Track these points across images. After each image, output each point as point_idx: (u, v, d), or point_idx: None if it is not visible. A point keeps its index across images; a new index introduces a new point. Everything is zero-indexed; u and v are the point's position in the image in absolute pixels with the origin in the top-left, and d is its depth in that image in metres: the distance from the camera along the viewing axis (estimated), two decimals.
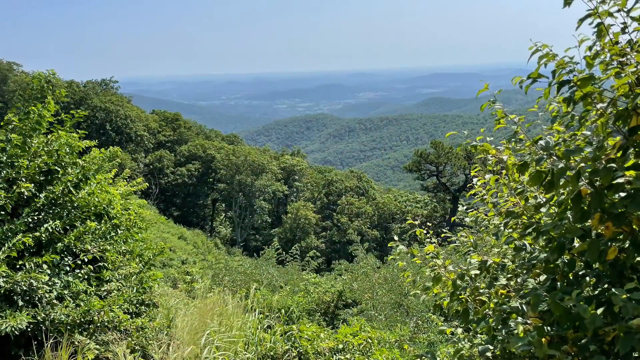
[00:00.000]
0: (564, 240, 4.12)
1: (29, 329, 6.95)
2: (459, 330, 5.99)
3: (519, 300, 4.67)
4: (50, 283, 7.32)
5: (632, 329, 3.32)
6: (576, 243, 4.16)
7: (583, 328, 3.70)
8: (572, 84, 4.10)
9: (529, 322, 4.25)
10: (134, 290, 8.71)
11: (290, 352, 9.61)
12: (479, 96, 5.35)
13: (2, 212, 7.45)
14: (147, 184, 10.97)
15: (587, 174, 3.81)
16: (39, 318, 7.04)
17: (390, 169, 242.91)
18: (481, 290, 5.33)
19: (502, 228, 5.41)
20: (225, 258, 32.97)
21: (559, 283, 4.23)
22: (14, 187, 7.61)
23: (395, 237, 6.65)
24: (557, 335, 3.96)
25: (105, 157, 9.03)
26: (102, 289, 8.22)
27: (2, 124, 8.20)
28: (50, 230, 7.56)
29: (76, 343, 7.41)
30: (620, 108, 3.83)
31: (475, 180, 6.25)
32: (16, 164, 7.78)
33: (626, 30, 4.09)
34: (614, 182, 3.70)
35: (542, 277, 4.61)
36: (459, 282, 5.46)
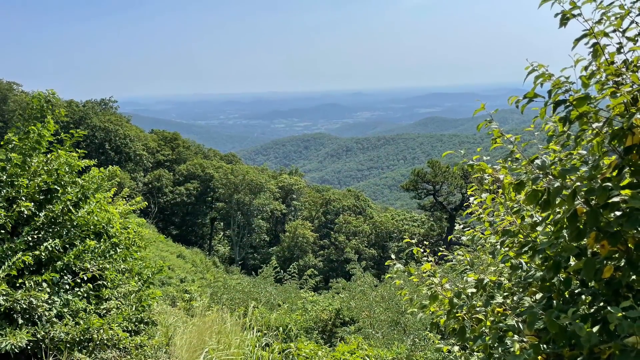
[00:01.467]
0: (559, 259, 4.14)
1: (28, 347, 6.93)
2: (456, 348, 6.00)
3: (516, 319, 4.68)
4: (49, 301, 7.31)
5: (627, 346, 3.33)
6: (572, 261, 4.17)
7: (579, 346, 3.72)
8: (568, 103, 4.14)
9: (525, 340, 4.27)
10: (133, 309, 8.69)
11: None
12: (475, 116, 5.41)
13: (2, 231, 7.45)
14: (146, 202, 10.97)
15: (583, 192, 3.84)
16: (38, 336, 7.03)
17: (388, 188, 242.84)
18: (478, 309, 5.35)
19: (498, 246, 5.44)
20: (224, 276, 32.93)
21: (555, 301, 4.24)
22: (14, 206, 7.62)
23: (393, 256, 6.69)
24: (554, 353, 3.97)
25: (104, 176, 9.04)
26: (102, 307, 8.21)
27: (2, 143, 8.22)
28: (50, 248, 7.56)
29: None
30: (616, 127, 3.86)
31: (471, 199, 6.29)
32: (16, 183, 7.79)
33: (622, 50, 4.14)
34: (610, 200, 3.72)
35: (538, 296, 4.62)
36: (455, 300, 5.48)
